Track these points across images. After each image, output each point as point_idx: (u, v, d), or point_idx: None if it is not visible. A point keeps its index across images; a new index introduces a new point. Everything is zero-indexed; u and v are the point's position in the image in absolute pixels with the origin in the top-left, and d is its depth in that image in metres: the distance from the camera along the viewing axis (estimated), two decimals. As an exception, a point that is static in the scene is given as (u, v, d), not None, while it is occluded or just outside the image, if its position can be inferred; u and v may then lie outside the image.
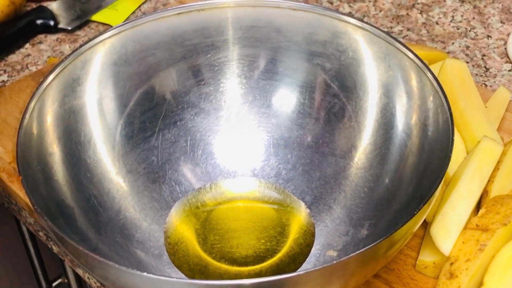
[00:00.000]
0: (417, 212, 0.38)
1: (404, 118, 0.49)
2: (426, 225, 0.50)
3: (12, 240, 0.79)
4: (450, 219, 0.47)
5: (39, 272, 0.75)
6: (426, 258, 0.48)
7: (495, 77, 0.69)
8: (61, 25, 0.74)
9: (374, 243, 0.36)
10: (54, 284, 0.76)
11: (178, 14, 0.53)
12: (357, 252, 0.36)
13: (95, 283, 0.56)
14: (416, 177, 0.46)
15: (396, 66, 0.49)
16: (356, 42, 0.52)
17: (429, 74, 0.46)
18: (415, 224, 0.40)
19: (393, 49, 0.49)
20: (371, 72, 0.51)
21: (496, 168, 0.50)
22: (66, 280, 0.71)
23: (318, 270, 0.35)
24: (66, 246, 0.38)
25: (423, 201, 0.38)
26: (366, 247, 0.36)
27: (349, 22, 0.51)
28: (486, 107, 0.58)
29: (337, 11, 0.51)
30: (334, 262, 0.35)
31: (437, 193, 0.40)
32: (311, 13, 0.52)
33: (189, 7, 0.53)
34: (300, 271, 0.35)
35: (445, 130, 0.43)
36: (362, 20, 0.50)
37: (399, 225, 0.38)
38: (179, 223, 0.51)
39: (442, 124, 0.44)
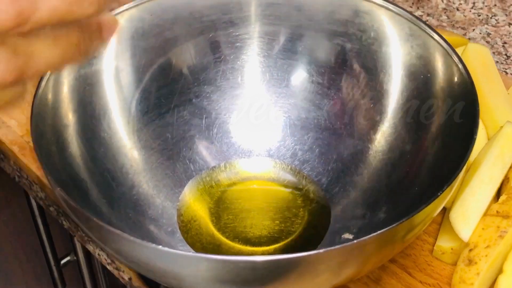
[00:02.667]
0: (440, 194, 0.37)
1: (426, 101, 0.47)
2: (444, 210, 0.49)
3: (21, 217, 0.79)
4: (470, 205, 0.46)
5: (48, 249, 0.75)
6: (444, 244, 0.47)
7: (516, 65, 0.68)
8: None
9: (394, 224, 0.35)
10: (62, 262, 0.76)
11: (197, -12, 0.52)
12: (377, 233, 0.35)
13: (106, 260, 0.55)
14: (437, 161, 0.45)
15: (420, 47, 0.48)
16: (379, 22, 0.50)
17: (454, 57, 0.44)
18: (436, 208, 0.39)
19: (417, 30, 0.48)
20: (393, 53, 0.50)
21: (518, 155, 0.49)
22: (75, 258, 0.71)
23: (336, 250, 0.34)
24: (80, 218, 0.38)
25: (446, 184, 0.37)
26: (386, 228, 0.35)
27: (372, 1, 0.49)
28: (508, 93, 0.57)
29: (360, -11, 0.50)
30: (354, 241, 0.34)
31: (460, 178, 0.39)
32: (334, -9, 0.51)
33: (209, -18, 0.52)
34: (319, 249, 0.34)
35: (469, 114, 0.42)
36: (386, 0, 0.49)
37: (419, 207, 0.37)
38: (192, 201, 0.51)
39: (467, 108, 0.42)
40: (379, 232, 0.35)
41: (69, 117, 0.46)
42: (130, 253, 0.37)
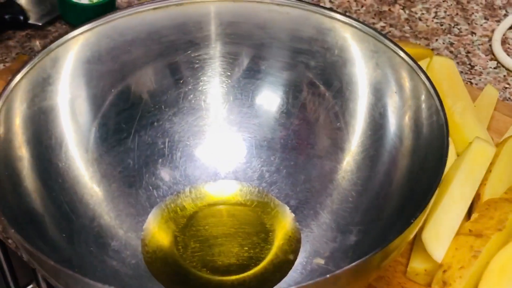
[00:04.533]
0: (414, 220, 0.36)
1: (394, 119, 0.46)
2: (416, 230, 0.48)
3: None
4: (442, 224, 0.45)
5: (9, 278, 0.72)
6: (417, 265, 0.46)
7: (480, 75, 0.67)
8: (31, 21, 0.71)
9: (369, 255, 0.34)
10: (24, 291, 0.73)
11: (155, 9, 0.50)
12: (351, 265, 0.33)
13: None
14: (408, 181, 0.43)
15: (386, 64, 0.47)
16: (343, 39, 0.49)
17: (421, 74, 0.43)
18: (411, 233, 0.37)
19: (382, 47, 0.47)
20: (358, 70, 0.49)
21: (489, 170, 0.48)
22: (37, 287, 0.68)
23: (310, 285, 0.33)
24: (38, 261, 0.36)
25: (419, 208, 0.36)
26: (361, 260, 0.34)
27: (336, 19, 0.48)
28: (474, 106, 0.56)
29: (323, 6, 0.49)
30: (327, 276, 0.33)
31: (433, 200, 0.38)
32: (296, 9, 0.49)
33: (167, 2, 0.50)
34: (291, 286, 0.33)
35: (439, 132, 0.41)
36: (350, 17, 0.48)
37: (393, 234, 0.36)
38: (157, 230, 0.49)
39: (436, 126, 0.41)
40: (354, 264, 0.33)
41: (23, 149, 0.44)
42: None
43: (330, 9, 0.49)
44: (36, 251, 0.34)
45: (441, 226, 0.45)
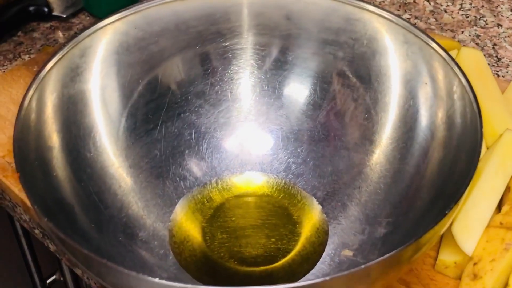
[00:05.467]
0: (448, 212, 0.35)
1: (425, 110, 0.46)
2: (445, 222, 0.48)
3: (4, 236, 0.77)
4: (472, 217, 0.44)
5: (33, 269, 0.73)
6: (447, 257, 0.45)
7: (507, 67, 0.67)
8: (55, 12, 0.71)
9: (402, 247, 0.34)
10: (48, 281, 0.74)
11: (183, -1, 0.50)
12: (385, 256, 0.33)
13: (95, 283, 0.53)
14: (440, 174, 0.43)
15: (416, 55, 0.46)
16: (372, 30, 0.49)
17: (453, 65, 0.43)
18: (444, 225, 0.37)
19: (413, 38, 0.46)
20: (388, 61, 0.49)
21: (519, 163, 0.47)
22: (61, 278, 0.69)
23: (343, 276, 0.33)
24: (70, 250, 0.36)
25: (453, 200, 0.36)
26: (394, 251, 0.34)
27: (365, 9, 0.48)
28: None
29: (352, -4, 0.49)
30: (362, 267, 0.32)
31: (466, 192, 0.37)
32: (325, -1, 0.49)
33: (195, -8, 0.50)
34: (324, 276, 0.33)
35: (472, 124, 0.40)
36: (380, 7, 0.47)
37: (425, 227, 0.35)
38: (184, 221, 0.49)
39: (469, 118, 0.41)
40: (387, 255, 0.33)
41: (53, 139, 0.44)
42: (127, 286, 0.35)
43: (359, 0, 0.48)
44: (70, 240, 0.34)
45: (472, 219, 0.44)
